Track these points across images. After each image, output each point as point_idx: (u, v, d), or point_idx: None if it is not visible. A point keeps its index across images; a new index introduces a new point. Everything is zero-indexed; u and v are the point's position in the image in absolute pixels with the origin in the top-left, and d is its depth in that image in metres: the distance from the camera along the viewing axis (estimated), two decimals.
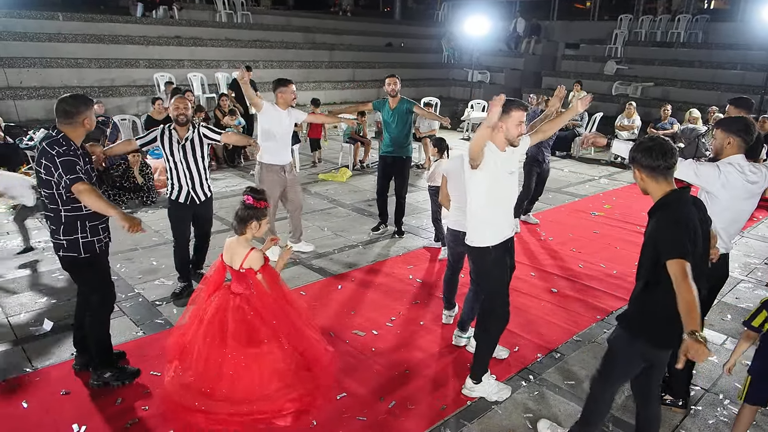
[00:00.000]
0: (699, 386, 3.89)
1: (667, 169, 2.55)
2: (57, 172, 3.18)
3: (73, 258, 3.43)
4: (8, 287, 5.00)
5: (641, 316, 2.68)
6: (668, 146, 2.55)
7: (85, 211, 3.37)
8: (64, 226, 3.36)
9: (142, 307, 4.73)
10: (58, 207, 3.32)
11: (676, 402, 3.60)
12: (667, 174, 2.57)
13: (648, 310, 2.65)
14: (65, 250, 3.41)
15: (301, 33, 16.93)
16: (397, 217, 6.67)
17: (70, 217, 3.35)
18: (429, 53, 20.09)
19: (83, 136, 3.42)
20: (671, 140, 2.65)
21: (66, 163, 3.19)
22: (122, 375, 3.65)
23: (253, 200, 3.31)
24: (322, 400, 3.41)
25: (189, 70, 12.84)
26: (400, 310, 4.82)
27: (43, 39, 11.54)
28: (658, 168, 2.55)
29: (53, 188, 3.26)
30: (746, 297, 5.33)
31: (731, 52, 15.09)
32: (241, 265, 3.28)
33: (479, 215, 3.46)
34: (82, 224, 3.38)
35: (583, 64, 17.52)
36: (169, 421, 3.28)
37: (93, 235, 3.44)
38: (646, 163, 2.57)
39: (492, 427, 3.42)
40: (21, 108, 10.21)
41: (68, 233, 3.37)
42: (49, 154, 3.19)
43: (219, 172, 9.48)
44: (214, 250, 6.05)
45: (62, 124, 3.30)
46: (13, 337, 4.20)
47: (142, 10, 14.38)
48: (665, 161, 2.53)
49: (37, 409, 3.37)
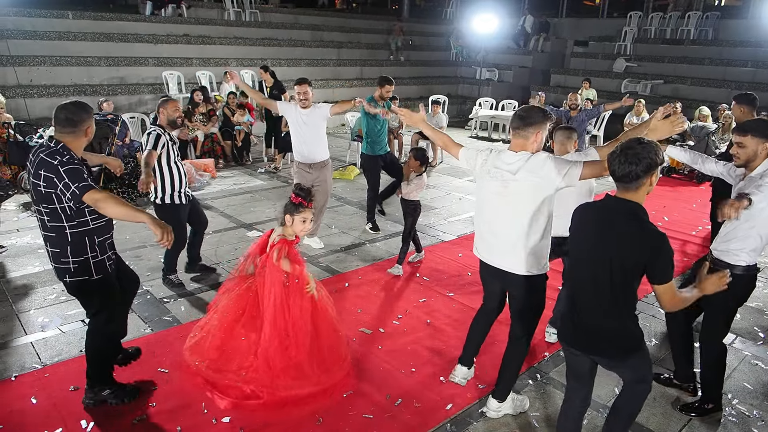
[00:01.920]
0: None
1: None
2: (62, 182, 2.87)
3: (83, 282, 3.14)
4: (18, 284, 5.05)
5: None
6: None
7: (92, 225, 3.09)
8: (72, 246, 3.04)
9: (150, 305, 4.75)
10: (62, 224, 3.01)
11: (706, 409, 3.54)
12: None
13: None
14: (73, 275, 3.11)
15: (309, 31, 16.95)
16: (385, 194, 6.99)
17: (77, 234, 3.05)
18: (437, 51, 20.05)
19: (83, 146, 3.15)
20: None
21: (71, 172, 2.89)
22: (121, 393, 3.41)
23: (293, 196, 3.44)
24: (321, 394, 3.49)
25: (197, 68, 12.89)
26: (407, 308, 4.82)
27: (52, 37, 11.61)
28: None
29: (56, 202, 2.95)
30: (756, 296, 5.28)
31: (742, 50, 14.96)
32: (271, 248, 3.39)
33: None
34: (91, 242, 3.09)
35: (592, 62, 17.41)
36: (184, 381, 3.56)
37: (102, 253, 3.18)
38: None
39: (498, 425, 3.41)
40: (31, 106, 10.27)
41: (76, 254, 3.06)
42: (51, 165, 2.89)
43: (227, 170, 9.51)
44: (214, 248, 6.09)
45: (63, 134, 3.02)
46: (23, 334, 4.23)
47: (151, 9, 14.43)
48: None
49: (45, 405, 3.40)
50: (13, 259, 5.56)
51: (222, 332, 3.50)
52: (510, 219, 3.10)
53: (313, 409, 3.41)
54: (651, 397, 3.53)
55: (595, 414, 3.52)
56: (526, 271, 3.14)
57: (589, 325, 2.64)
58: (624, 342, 2.61)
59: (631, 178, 2.43)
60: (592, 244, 2.56)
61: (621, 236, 2.46)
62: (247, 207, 7.48)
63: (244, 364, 3.43)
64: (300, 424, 3.32)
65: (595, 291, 2.57)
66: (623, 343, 2.61)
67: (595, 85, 14.03)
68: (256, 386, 3.38)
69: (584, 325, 2.65)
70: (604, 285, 2.52)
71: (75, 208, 3.01)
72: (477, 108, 14.39)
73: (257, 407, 3.35)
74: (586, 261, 2.61)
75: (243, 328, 3.49)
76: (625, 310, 2.57)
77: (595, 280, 2.55)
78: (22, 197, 7.47)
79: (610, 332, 2.60)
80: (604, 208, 2.57)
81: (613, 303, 2.55)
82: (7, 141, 7.64)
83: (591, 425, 3.42)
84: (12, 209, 7.05)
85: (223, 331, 3.50)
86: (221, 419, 3.31)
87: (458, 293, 5.15)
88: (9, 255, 5.65)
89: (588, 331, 2.65)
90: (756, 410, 3.67)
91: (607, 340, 2.62)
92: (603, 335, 2.62)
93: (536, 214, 3.03)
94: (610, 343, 2.62)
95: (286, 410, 3.37)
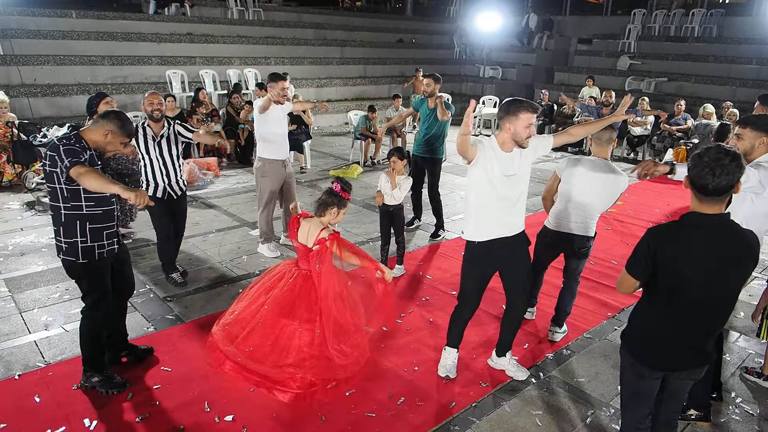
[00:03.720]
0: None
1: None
2: (60, 162, 3.07)
3: (71, 263, 3.32)
4: (22, 282, 5.06)
5: (628, 324, 2.70)
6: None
7: (85, 211, 3.24)
8: (64, 227, 3.24)
9: (153, 303, 4.76)
10: (59, 204, 3.21)
11: (701, 416, 3.46)
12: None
13: (632, 319, 2.68)
14: (64, 253, 3.30)
15: (312, 29, 16.94)
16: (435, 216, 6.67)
17: (70, 216, 3.23)
18: (440, 49, 20.00)
19: (94, 144, 3.26)
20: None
21: (69, 151, 3.07)
22: (107, 383, 3.51)
23: (340, 189, 3.54)
24: (323, 392, 3.55)
25: (201, 67, 12.89)
26: (410, 307, 4.82)
27: (56, 37, 11.63)
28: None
29: (56, 182, 3.15)
30: (760, 294, 5.25)
31: (746, 47, 14.88)
32: (315, 242, 3.50)
33: (468, 209, 3.56)
34: (82, 226, 3.25)
35: (595, 60, 17.36)
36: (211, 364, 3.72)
37: (94, 239, 3.30)
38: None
39: (501, 424, 3.41)
40: (35, 105, 10.29)
41: (67, 235, 3.25)
42: (55, 146, 3.11)
43: (230, 170, 9.52)
44: (218, 247, 6.10)
45: (89, 123, 3.27)
46: (27, 332, 4.25)
47: (155, 8, 14.46)
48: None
49: (49, 404, 3.41)
50: (17, 258, 5.57)
51: (271, 328, 3.57)
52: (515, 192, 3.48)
53: (316, 408, 3.42)
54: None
55: (598, 413, 3.52)
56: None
57: (696, 345, 2.53)
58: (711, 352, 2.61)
59: (726, 190, 2.31)
60: (705, 263, 2.37)
61: (734, 253, 2.38)
62: (250, 206, 7.47)
63: (301, 356, 3.52)
64: (303, 422, 3.32)
65: (714, 312, 2.47)
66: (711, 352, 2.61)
67: (599, 82, 13.99)
68: (315, 375, 3.52)
69: (692, 346, 2.53)
70: (720, 303, 2.46)
71: (67, 186, 3.15)
72: (480, 106, 14.36)
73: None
74: (701, 283, 2.39)
75: (292, 320, 3.56)
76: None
77: (713, 303, 2.43)
78: (25, 196, 7.49)
79: (708, 348, 2.56)
80: (709, 227, 2.39)
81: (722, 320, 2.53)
82: (11, 140, 7.67)
83: (594, 423, 3.42)
84: (16, 208, 7.07)
85: (272, 326, 3.57)
86: (224, 418, 3.32)
87: None
88: (13, 254, 5.67)
89: (695, 348, 2.53)
90: (759, 408, 3.66)
91: (707, 355, 2.57)
92: (706, 351, 2.56)
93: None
94: (706, 358, 2.58)
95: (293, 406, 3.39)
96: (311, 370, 3.52)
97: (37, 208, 7.00)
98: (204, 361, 3.83)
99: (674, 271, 2.38)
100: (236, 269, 5.50)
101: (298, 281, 3.62)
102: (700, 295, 2.38)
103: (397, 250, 5.50)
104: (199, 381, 3.67)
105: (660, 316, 2.50)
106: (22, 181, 7.72)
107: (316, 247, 3.52)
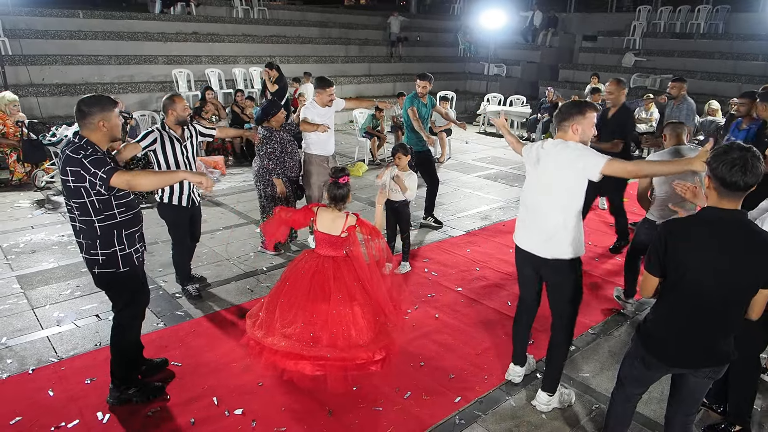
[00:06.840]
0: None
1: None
2: (89, 173, 2.94)
3: (112, 274, 3.22)
4: (33, 279, 5.14)
5: (645, 317, 2.74)
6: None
7: (119, 218, 3.16)
8: (101, 239, 3.12)
9: (163, 300, 4.83)
10: (91, 218, 3.08)
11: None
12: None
13: (649, 312, 2.72)
14: (101, 267, 3.18)
15: (317, 28, 17.01)
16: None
17: (106, 227, 3.12)
18: (445, 47, 20.04)
19: (105, 141, 3.16)
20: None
21: (95, 161, 2.96)
22: (146, 390, 3.48)
23: (348, 179, 3.84)
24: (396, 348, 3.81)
25: (206, 65, 12.97)
26: (415, 303, 4.87)
27: (64, 36, 11.74)
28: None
29: (84, 196, 3.01)
30: None
31: (753, 43, 14.84)
32: (343, 229, 3.70)
33: (577, 223, 3.27)
34: (119, 234, 3.17)
35: (600, 57, 17.34)
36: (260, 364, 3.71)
37: (131, 245, 3.25)
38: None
39: (505, 418, 3.45)
40: (43, 105, 10.40)
41: (105, 246, 3.14)
42: (75, 160, 2.95)
43: (236, 168, 9.58)
44: (225, 245, 6.16)
45: (81, 127, 3.10)
46: (39, 328, 4.32)
47: (161, 7, 14.56)
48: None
49: (62, 398, 3.47)
50: (28, 256, 5.65)
51: (306, 310, 3.65)
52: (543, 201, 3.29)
53: (323, 402, 3.47)
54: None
55: (603, 407, 3.55)
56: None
57: (707, 344, 2.54)
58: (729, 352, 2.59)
59: (749, 187, 2.35)
60: (717, 262, 2.39)
61: (748, 251, 2.37)
62: (257, 204, 7.52)
63: (337, 334, 3.60)
64: (311, 416, 3.37)
65: (725, 310, 2.48)
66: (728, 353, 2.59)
67: (604, 80, 13.91)
68: (384, 347, 3.72)
69: (702, 344, 2.55)
70: (731, 301, 2.45)
71: (106, 195, 3.06)
72: (485, 104, 14.37)
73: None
74: (711, 279, 2.42)
75: (327, 304, 3.64)
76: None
77: (724, 301, 2.45)
78: (35, 194, 7.57)
79: (724, 347, 2.55)
80: (719, 222, 2.41)
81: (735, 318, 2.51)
82: (21, 139, 7.76)
83: (598, 417, 3.46)
84: (26, 206, 7.16)
85: (308, 309, 3.65)
86: (233, 411, 3.38)
87: (466, 288, 5.18)
88: (24, 251, 5.75)
89: (706, 347, 2.55)
90: (763, 402, 3.68)
91: (721, 354, 2.57)
92: (720, 350, 2.56)
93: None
94: (722, 358, 2.58)
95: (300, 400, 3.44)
96: (378, 343, 3.69)
97: (47, 206, 7.09)
98: (214, 355, 3.89)
99: (683, 265, 2.42)
100: (243, 266, 5.56)
101: (330, 266, 3.74)
102: (710, 292, 2.41)
103: (402, 247, 5.54)
104: (208, 376, 3.73)
105: (671, 310, 2.54)
106: (32, 180, 7.81)
107: (344, 234, 3.70)
